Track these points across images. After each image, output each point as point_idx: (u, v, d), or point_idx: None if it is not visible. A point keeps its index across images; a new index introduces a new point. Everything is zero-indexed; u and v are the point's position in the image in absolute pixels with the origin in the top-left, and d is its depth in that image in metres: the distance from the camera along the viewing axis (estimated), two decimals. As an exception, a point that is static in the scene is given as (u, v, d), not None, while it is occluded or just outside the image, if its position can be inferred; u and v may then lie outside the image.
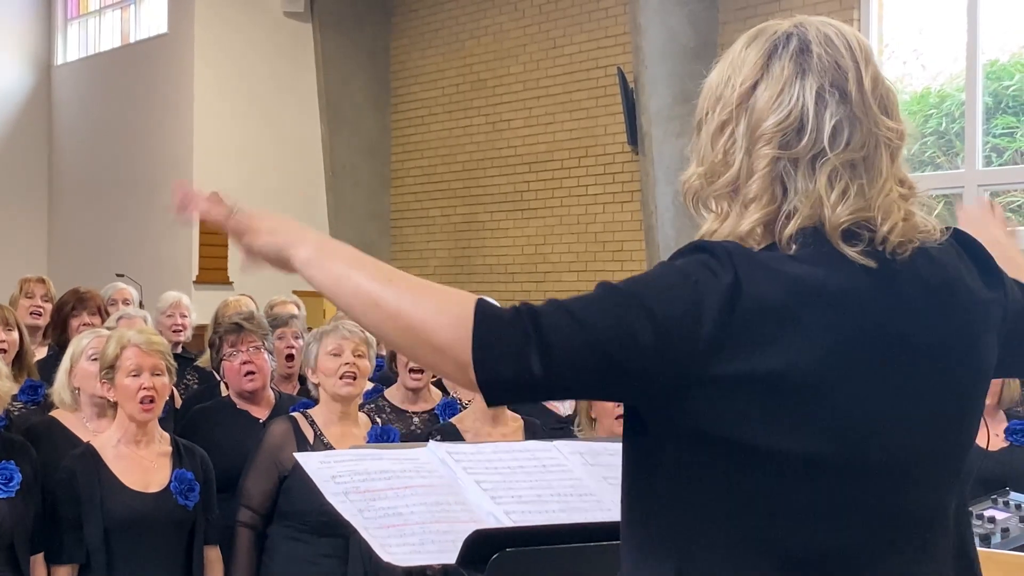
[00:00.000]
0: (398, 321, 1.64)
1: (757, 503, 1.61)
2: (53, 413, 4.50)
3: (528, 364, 1.56)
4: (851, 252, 1.63)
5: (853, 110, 1.67)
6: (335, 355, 4.35)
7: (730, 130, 1.70)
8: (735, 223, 1.69)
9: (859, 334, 1.61)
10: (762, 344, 1.57)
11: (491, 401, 1.63)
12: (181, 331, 6.81)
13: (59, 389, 4.43)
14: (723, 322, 1.56)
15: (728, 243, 1.65)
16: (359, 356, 4.37)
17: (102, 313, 6.01)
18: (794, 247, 1.63)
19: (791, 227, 1.64)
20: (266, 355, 5.00)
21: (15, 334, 5.09)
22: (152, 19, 14.81)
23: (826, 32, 1.72)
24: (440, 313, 1.61)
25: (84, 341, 4.45)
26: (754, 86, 1.70)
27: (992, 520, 3.31)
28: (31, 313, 6.14)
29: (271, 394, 5.07)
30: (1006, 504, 3.45)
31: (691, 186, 1.75)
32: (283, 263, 1.82)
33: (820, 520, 1.62)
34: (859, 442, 1.62)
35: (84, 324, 5.74)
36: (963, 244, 1.78)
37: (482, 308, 1.61)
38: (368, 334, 4.58)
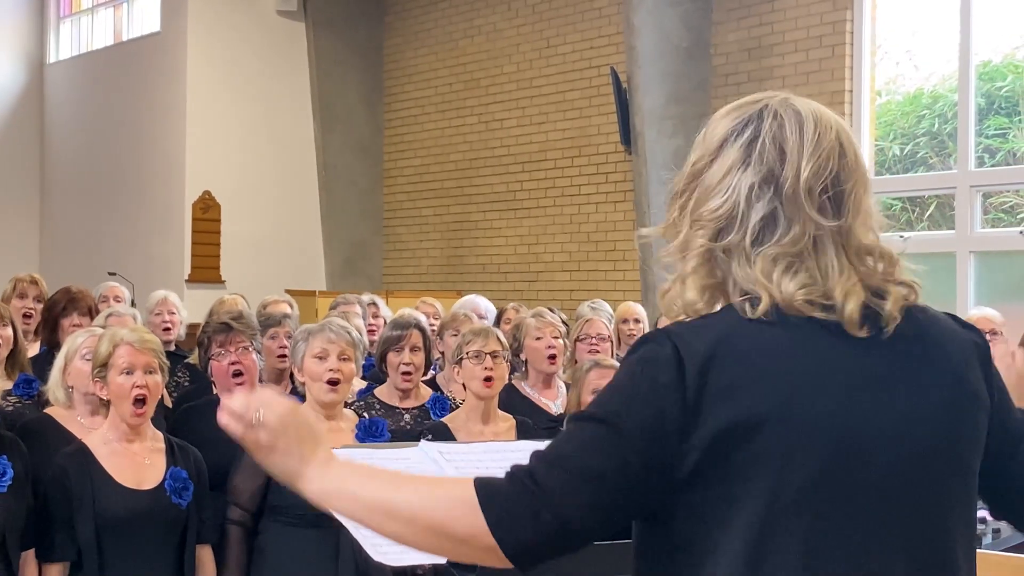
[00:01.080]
0: (416, 526, 1.71)
1: (765, 543, 1.64)
2: (48, 410, 4.49)
3: (544, 524, 1.63)
4: (818, 314, 1.67)
5: (785, 206, 1.70)
6: (320, 359, 4.34)
7: (680, 203, 1.78)
8: (682, 291, 1.77)
9: (799, 367, 1.66)
10: (724, 397, 1.63)
11: (527, 569, 1.68)
12: (170, 329, 6.79)
13: (53, 387, 4.43)
14: (682, 398, 1.63)
15: (670, 326, 1.72)
16: (344, 360, 4.36)
17: (92, 313, 5.99)
18: (755, 313, 1.68)
19: (734, 294, 1.72)
20: (254, 355, 4.98)
21: (9, 330, 5.08)
22: (145, 17, 14.79)
23: (800, 122, 1.74)
24: (449, 508, 1.67)
25: (79, 340, 4.44)
26: (710, 163, 1.76)
27: (983, 521, 3.32)
28: (23, 315, 6.12)
29: (260, 393, 5.05)
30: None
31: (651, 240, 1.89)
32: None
33: (824, 548, 1.65)
34: (824, 469, 1.65)
35: (75, 324, 5.72)
36: (963, 324, 1.83)
37: (483, 489, 1.66)
38: (355, 336, 4.57)
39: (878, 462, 1.66)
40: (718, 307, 1.74)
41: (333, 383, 4.31)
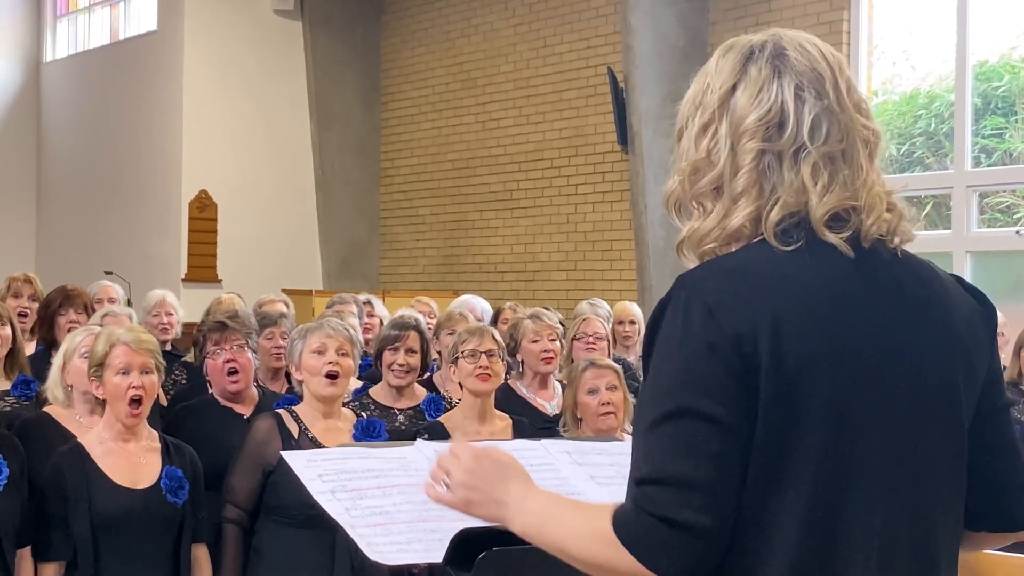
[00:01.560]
0: (588, 564, 1.73)
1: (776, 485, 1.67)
2: (46, 409, 4.50)
3: (687, 544, 1.62)
4: (834, 238, 1.70)
5: (830, 106, 1.74)
6: (319, 353, 4.34)
7: (712, 130, 1.77)
8: (720, 219, 1.75)
9: (833, 327, 1.67)
10: (737, 341, 1.64)
11: None
12: (168, 330, 6.79)
13: (52, 386, 4.43)
14: (715, 352, 1.64)
15: (683, 276, 1.72)
16: (343, 355, 4.36)
17: (88, 310, 6.00)
18: (781, 242, 1.70)
19: (774, 215, 1.71)
20: (250, 354, 4.98)
21: (7, 330, 5.08)
22: (142, 16, 14.79)
23: (799, 41, 1.79)
24: (605, 548, 1.68)
25: (77, 339, 4.45)
26: (733, 88, 1.77)
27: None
28: (18, 314, 6.12)
29: (255, 392, 5.06)
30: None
31: (673, 192, 1.82)
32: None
33: (825, 489, 1.67)
34: (849, 425, 1.67)
35: (71, 322, 5.73)
36: (960, 281, 1.86)
37: (618, 524, 1.67)
38: (353, 332, 4.58)
39: (895, 407, 1.70)
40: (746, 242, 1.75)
41: (332, 376, 4.31)
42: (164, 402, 5.37)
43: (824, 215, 1.70)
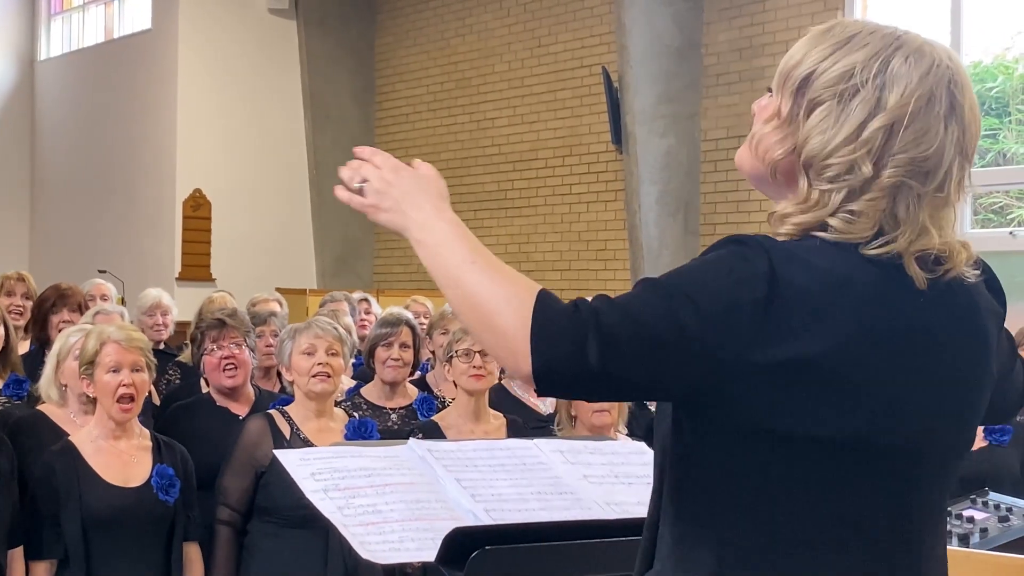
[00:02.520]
0: (471, 302, 1.68)
1: (792, 487, 1.64)
2: (40, 407, 4.49)
3: (585, 355, 1.56)
4: (917, 273, 1.67)
5: (960, 155, 1.72)
6: (308, 354, 4.33)
7: (868, 133, 1.67)
8: (820, 221, 1.68)
9: (884, 325, 1.64)
10: (796, 332, 1.59)
11: (542, 391, 1.64)
12: (162, 330, 6.79)
13: (46, 385, 4.42)
14: (761, 313, 1.58)
15: (760, 236, 1.66)
16: (332, 355, 4.35)
17: (83, 309, 5.99)
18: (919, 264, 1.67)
19: (880, 241, 1.66)
20: (248, 352, 4.98)
21: (0, 328, 5.07)
22: (136, 15, 14.77)
23: (964, 80, 1.74)
24: (507, 300, 1.64)
25: (72, 339, 4.43)
26: (911, 113, 1.68)
27: (971, 520, 3.32)
28: (10, 312, 6.10)
29: (251, 391, 5.05)
30: (985, 504, 3.46)
31: (776, 161, 1.73)
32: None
33: (847, 502, 1.65)
34: (885, 427, 1.65)
35: (64, 321, 5.72)
36: (984, 269, 1.83)
37: (543, 300, 1.63)
38: (342, 332, 4.57)
39: (908, 430, 1.68)
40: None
41: (323, 375, 4.31)
42: (157, 401, 5.37)
43: (914, 252, 1.67)
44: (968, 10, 9.46)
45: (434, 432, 4.42)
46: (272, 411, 4.40)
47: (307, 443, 4.12)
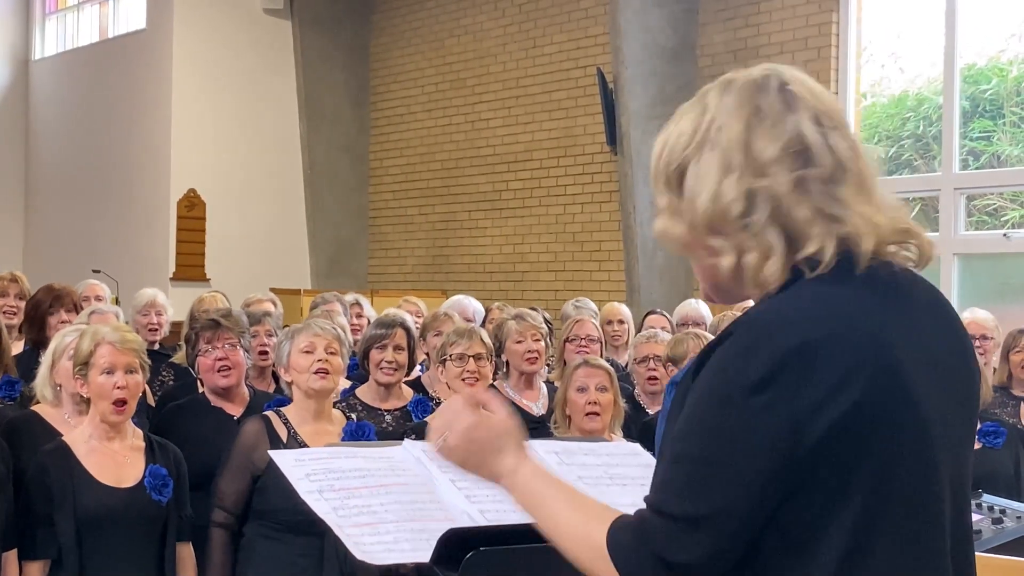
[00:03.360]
0: (574, 562, 1.73)
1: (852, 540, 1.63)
2: (35, 407, 4.48)
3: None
4: (890, 263, 1.70)
5: (842, 138, 1.70)
6: (307, 352, 4.32)
7: (727, 167, 1.69)
8: (760, 261, 1.67)
9: (894, 352, 1.64)
10: (817, 396, 1.58)
11: None
12: (157, 330, 6.78)
13: (41, 385, 4.42)
14: (785, 408, 1.58)
15: (759, 314, 1.65)
16: (331, 353, 4.34)
17: (78, 309, 5.98)
18: (822, 271, 1.66)
19: (826, 248, 1.66)
20: (242, 353, 4.98)
21: (-7, 329, 5.07)
22: (130, 14, 14.76)
23: (797, 76, 1.76)
24: (594, 561, 1.68)
25: (67, 339, 4.43)
26: (747, 126, 1.70)
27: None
28: (3, 312, 6.09)
29: (246, 391, 5.05)
30: (979, 506, 3.46)
31: (677, 235, 1.76)
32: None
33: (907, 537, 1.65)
34: (919, 459, 1.66)
35: (63, 321, 5.71)
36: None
37: (613, 545, 1.65)
38: (340, 332, 4.56)
39: (942, 447, 1.68)
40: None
41: (323, 372, 4.30)
42: (151, 401, 5.36)
43: (886, 232, 1.68)
44: (962, 13, 9.47)
45: (427, 433, 4.41)
46: (269, 413, 4.38)
47: (304, 446, 4.10)
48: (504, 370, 5.63)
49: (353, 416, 4.66)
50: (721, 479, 1.59)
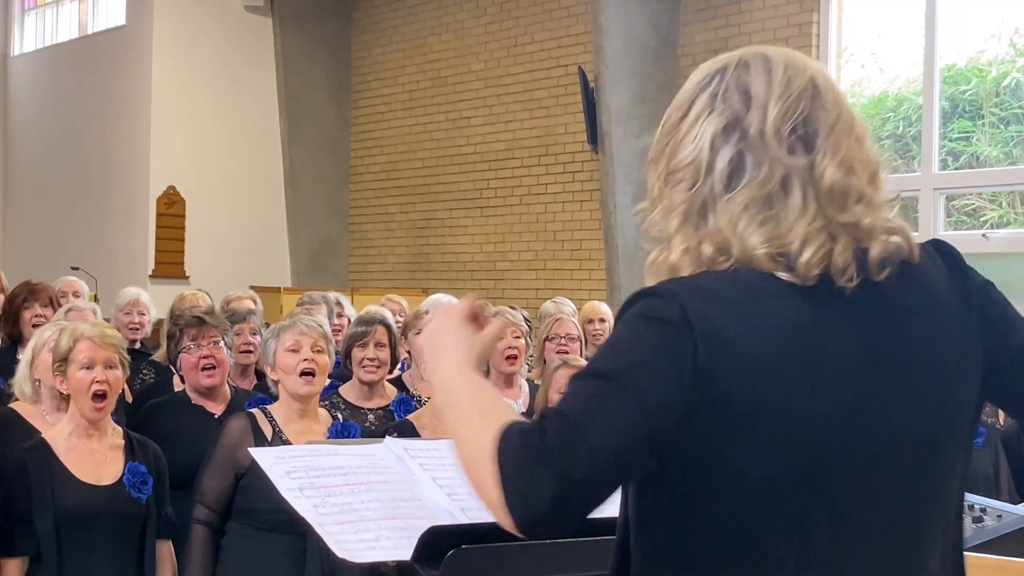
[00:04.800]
0: (464, 467, 1.67)
1: (745, 524, 1.63)
2: (12, 404, 4.47)
3: (547, 496, 1.55)
4: (781, 273, 1.65)
5: (752, 149, 1.68)
6: (293, 351, 4.30)
7: (660, 165, 1.76)
8: (667, 254, 1.72)
9: (792, 344, 1.63)
10: (722, 374, 1.59)
11: (532, 536, 1.61)
12: (139, 329, 6.75)
13: (20, 381, 4.41)
14: (693, 372, 1.58)
15: (671, 283, 1.67)
16: (318, 352, 4.32)
17: (54, 304, 5.97)
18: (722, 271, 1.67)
19: (710, 253, 1.67)
20: (225, 350, 4.96)
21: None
22: (110, 11, 14.70)
23: (767, 57, 1.73)
24: (478, 454, 1.61)
25: (46, 334, 4.42)
26: (680, 120, 1.75)
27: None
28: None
29: (227, 389, 5.03)
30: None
31: (645, 218, 1.80)
32: None
33: (804, 541, 1.64)
34: (824, 457, 1.63)
35: (36, 316, 5.70)
36: (940, 251, 1.81)
37: (500, 444, 1.59)
38: (326, 330, 4.55)
39: (866, 450, 1.65)
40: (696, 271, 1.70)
41: (308, 373, 4.28)
42: (129, 399, 5.34)
43: (752, 250, 1.65)
44: (942, 14, 9.50)
45: (409, 431, 4.40)
46: (254, 411, 4.36)
47: (288, 444, 4.09)
48: (484, 368, 5.61)
49: (339, 416, 4.64)
50: (615, 391, 1.58)
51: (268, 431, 4.24)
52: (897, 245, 1.70)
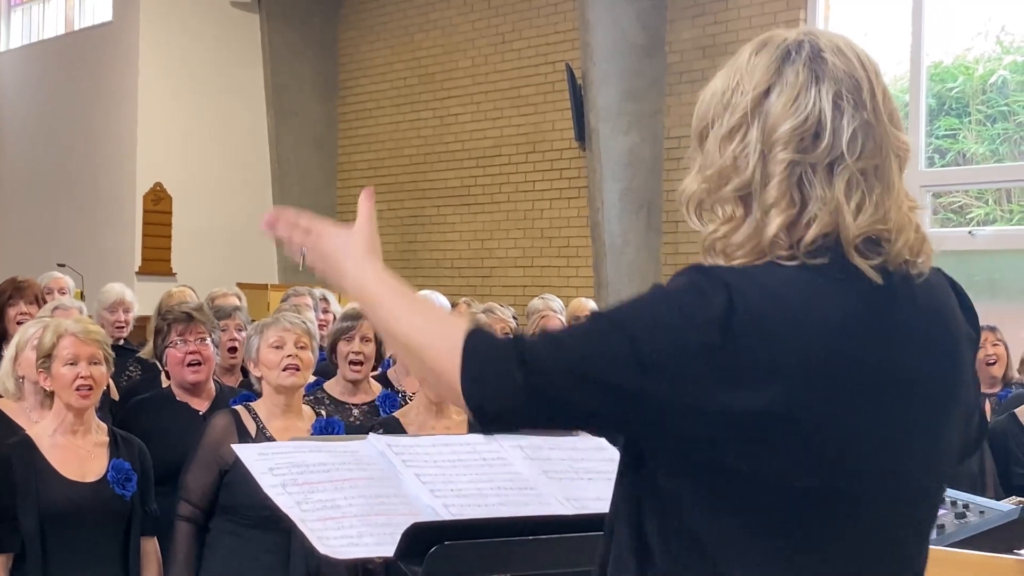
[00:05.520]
0: (409, 353, 1.74)
1: (751, 530, 1.61)
2: (-4, 401, 4.47)
3: (510, 386, 1.58)
4: (864, 264, 1.62)
5: (867, 118, 1.64)
6: (277, 347, 4.30)
7: (742, 134, 1.66)
8: (755, 230, 1.64)
9: (847, 361, 1.59)
10: (750, 374, 1.55)
11: (482, 424, 1.65)
12: (123, 327, 6.74)
13: (3, 377, 4.41)
14: (708, 358, 1.54)
15: (723, 268, 1.63)
16: (301, 348, 4.33)
17: (39, 302, 5.96)
18: (810, 256, 1.61)
19: (810, 234, 1.61)
20: (212, 347, 4.96)
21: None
22: (97, 7, 14.66)
23: (836, 43, 1.69)
24: (441, 340, 1.66)
25: (30, 330, 4.42)
26: (767, 91, 1.66)
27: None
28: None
29: (212, 386, 5.03)
30: (942, 501, 3.48)
31: (693, 193, 1.72)
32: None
33: (811, 549, 1.62)
34: (850, 471, 1.61)
35: (21, 313, 5.69)
36: (950, 281, 1.81)
37: (473, 335, 1.64)
38: (310, 326, 4.55)
39: (877, 472, 1.63)
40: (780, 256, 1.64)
41: (293, 367, 4.28)
42: (115, 396, 5.33)
43: (857, 237, 1.61)
44: (929, 11, 9.52)
45: (395, 428, 4.40)
46: (238, 407, 4.36)
47: (272, 441, 4.09)
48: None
49: (323, 412, 4.64)
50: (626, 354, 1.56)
51: (252, 427, 4.24)
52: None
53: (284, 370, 4.26)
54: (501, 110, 12.14)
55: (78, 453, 4.02)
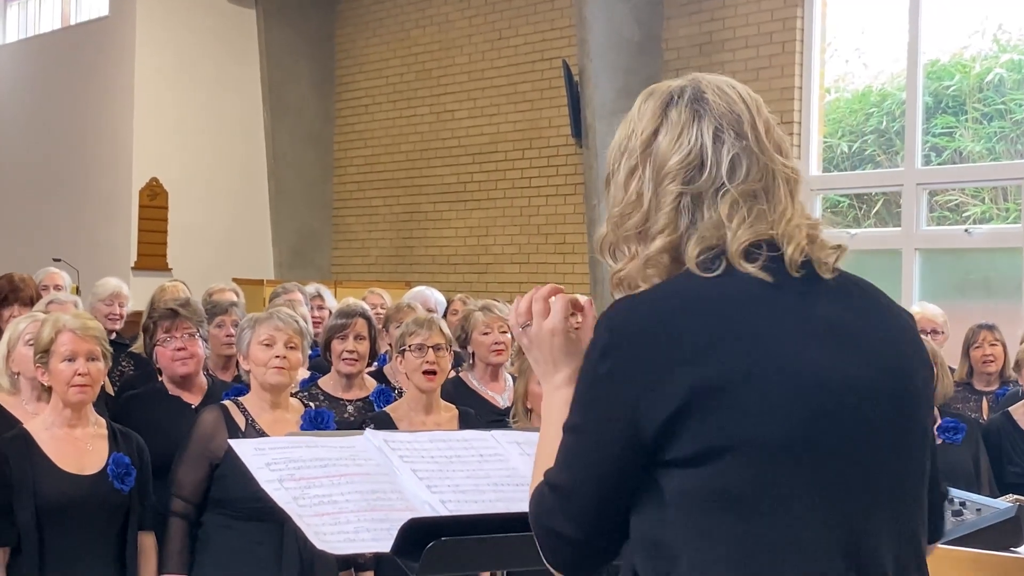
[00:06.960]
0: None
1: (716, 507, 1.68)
2: (-7, 396, 4.45)
3: (559, 547, 1.77)
4: (750, 268, 1.74)
5: (749, 146, 1.79)
6: (267, 345, 4.30)
7: (639, 175, 1.82)
8: (644, 259, 1.80)
9: (735, 334, 1.71)
10: (681, 369, 1.69)
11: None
12: (117, 320, 6.75)
13: (-2, 373, 4.40)
14: (609, 384, 1.73)
15: (613, 305, 1.78)
16: (291, 348, 4.32)
17: (34, 303, 5.94)
18: (705, 270, 1.75)
19: (692, 248, 1.76)
20: (200, 342, 4.95)
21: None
22: (93, 1, 14.64)
23: (718, 84, 1.85)
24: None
25: (21, 326, 4.41)
26: (655, 132, 1.82)
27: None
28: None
29: (204, 380, 5.03)
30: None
31: (604, 236, 1.88)
32: None
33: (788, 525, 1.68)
34: (800, 439, 1.68)
35: (15, 316, 5.67)
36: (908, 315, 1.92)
37: (533, 493, 1.82)
38: (303, 325, 4.54)
39: (842, 418, 1.71)
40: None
41: (280, 367, 4.28)
42: (111, 391, 5.33)
43: (740, 247, 1.74)
44: (926, 9, 9.53)
45: (386, 423, 4.41)
46: (227, 402, 4.36)
47: (262, 434, 4.10)
48: (470, 361, 5.62)
49: (313, 406, 4.64)
50: (583, 448, 1.74)
51: (241, 421, 4.25)
52: (838, 248, 1.83)
53: (271, 369, 4.27)
54: (498, 106, 12.13)
55: (76, 446, 4.01)
